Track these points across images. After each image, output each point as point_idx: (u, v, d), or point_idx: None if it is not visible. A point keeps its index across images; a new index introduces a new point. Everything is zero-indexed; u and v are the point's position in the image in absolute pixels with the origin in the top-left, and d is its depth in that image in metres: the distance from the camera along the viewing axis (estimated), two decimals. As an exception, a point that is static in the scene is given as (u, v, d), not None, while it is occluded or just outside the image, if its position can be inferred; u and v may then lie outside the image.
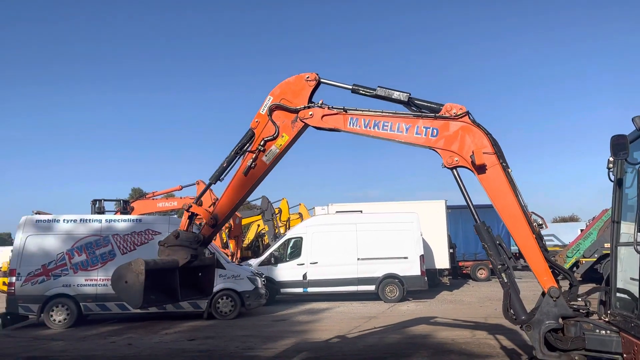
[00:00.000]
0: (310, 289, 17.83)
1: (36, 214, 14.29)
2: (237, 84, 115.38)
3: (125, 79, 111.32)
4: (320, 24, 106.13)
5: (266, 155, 6.50)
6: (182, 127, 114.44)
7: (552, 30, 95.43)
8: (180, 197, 21.37)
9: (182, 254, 6.31)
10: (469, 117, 6.03)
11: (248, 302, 14.30)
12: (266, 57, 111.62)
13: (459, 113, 6.00)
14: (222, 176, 6.68)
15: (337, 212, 20.74)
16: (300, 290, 17.87)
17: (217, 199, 6.97)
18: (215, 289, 13.99)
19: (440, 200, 21.73)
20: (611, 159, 5.53)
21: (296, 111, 6.43)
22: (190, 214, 6.66)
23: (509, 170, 5.96)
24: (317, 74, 6.49)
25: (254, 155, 6.48)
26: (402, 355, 8.77)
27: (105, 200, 19.39)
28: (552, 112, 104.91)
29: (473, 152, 5.78)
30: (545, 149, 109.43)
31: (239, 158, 6.63)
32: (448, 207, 21.77)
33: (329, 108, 6.41)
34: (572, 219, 59.63)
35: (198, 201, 6.86)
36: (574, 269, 20.03)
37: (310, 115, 6.40)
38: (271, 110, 6.47)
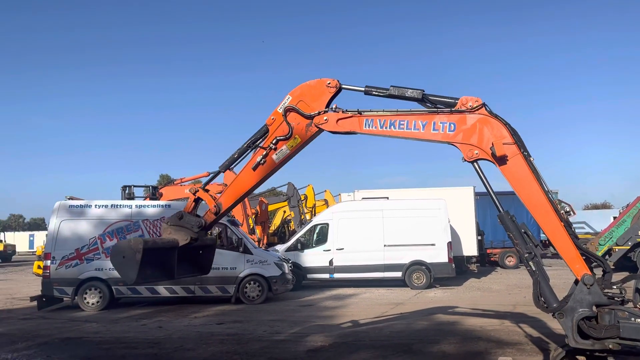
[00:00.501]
0: (337, 275, 17.87)
1: (69, 199, 14.61)
2: (266, 65, 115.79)
3: (156, 63, 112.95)
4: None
5: (276, 154, 6.57)
6: (209, 114, 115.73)
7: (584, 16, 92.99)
8: (208, 184, 21.57)
9: (183, 235, 6.57)
10: (486, 109, 5.96)
11: (275, 287, 14.43)
12: (290, 37, 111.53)
13: (475, 105, 5.95)
14: (232, 166, 6.86)
15: (363, 198, 20.69)
16: (326, 276, 17.93)
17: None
18: (242, 274, 14.23)
19: (468, 187, 21.45)
20: (650, 143, 5.36)
21: (310, 117, 6.44)
22: (196, 198, 6.83)
23: (531, 159, 5.88)
24: (339, 81, 6.46)
25: (265, 152, 6.55)
26: (430, 342, 8.74)
27: (134, 186, 19.68)
28: (583, 95, 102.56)
29: (493, 144, 5.73)
30: (577, 133, 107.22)
31: (250, 152, 6.74)
32: (476, 194, 21.48)
33: (343, 112, 6.39)
34: (605, 206, 58.48)
35: (205, 187, 7.02)
36: (606, 257, 19.60)
37: (325, 120, 6.41)
38: (287, 110, 6.49)
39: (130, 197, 19.02)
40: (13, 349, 8.99)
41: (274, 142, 6.51)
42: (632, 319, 5.31)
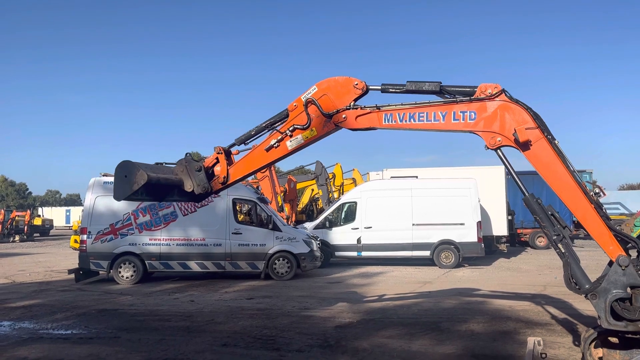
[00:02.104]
0: (364, 253, 17.95)
1: (103, 176, 14.96)
2: (298, 46, 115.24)
3: (186, 40, 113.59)
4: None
5: (290, 141, 6.61)
6: (237, 92, 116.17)
7: None
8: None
9: (189, 183, 6.83)
10: (506, 95, 5.87)
11: (304, 264, 14.59)
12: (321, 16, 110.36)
13: (494, 92, 5.86)
14: (248, 142, 6.96)
15: (392, 177, 20.59)
16: (354, 254, 18.04)
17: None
18: (272, 251, 14.41)
19: (499, 166, 21.03)
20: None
21: (329, 116, 6.42)
22: (216, 158, 7.00)
23: (556, 142, 5.77)
24: (366, 83, 6.43)
25: (281, 136, 6.60)
26: (458, 321, 8.74)
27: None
28: (620, 74, 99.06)
29: (515, 130, 5.64)
30: (613, 113, 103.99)
31: (267, 132, 6.80)
32: (507, 173, 21.10)
33: (361, 108, 6.36)
34: (641, 187, 56.83)
35: (231, 146, 7.09)
36: (642, 238, 19.11)
37: (344, 118, 6.41)
38: (308, 102, 6.48)
39: (162, 174, 19.28)
40: (52, 319, 9.38)
41: (291, 129, 6.55)
42: (668, 301, 5.20)
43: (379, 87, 6.45)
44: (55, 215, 59.59)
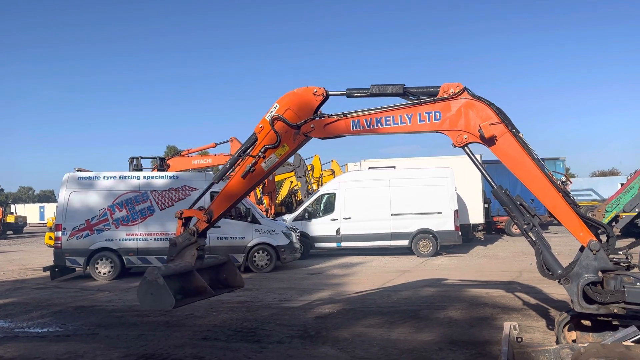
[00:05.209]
0: (344, 244, 18.04)
1: (78, 171, 14.69)
2: (268, 40, 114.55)
3: (162, 36, 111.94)
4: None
5: (265, 162, 6.64)
6: (214, 86, 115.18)
7: None
8: (215, 155, 21.63)
9: (189, 255, 6.66)
10: (468, 93, 6.00)
11: (283, 256, 14.60)
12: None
13: (457, 91, 6.00)
14: (224, 176, 6.97)
15: (370, 168, 20.70)
16: (333, 245, 18.11)
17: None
18: (251, 244, 14.39)
19: (475, 155, 21.32)
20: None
21: (297, 127, 6.45)
22: (183, 221, 6.90)
23: (520, 135, 5.94)
24: (325, 89, 6.47)
25: (254, 160, 6.61)
26: (437, 308, 8.87)
27: (142, 157, 19.70)
28: (592, 60, 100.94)
29: (480, 126, 5.79)
30: (584, 99, 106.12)
31: (241, 161, 6.79)
32: (483, 162, 21.31)
33: (328, 116, 6.41)
34: (612, 173, 58.33)
35: (193, 205, 7.08)
36: (613, 223, 19.58)
37: (312, 128, 6.46)
38: (274, 119, 6.49)
39: (138, 168, 19.05)
40: (28, 317, 9.22)
41: (262, 150, 6.57)
42: (638, 284, 5.35)
43: (345, 92, 6.51)
44: (29, 212, 58.32)
